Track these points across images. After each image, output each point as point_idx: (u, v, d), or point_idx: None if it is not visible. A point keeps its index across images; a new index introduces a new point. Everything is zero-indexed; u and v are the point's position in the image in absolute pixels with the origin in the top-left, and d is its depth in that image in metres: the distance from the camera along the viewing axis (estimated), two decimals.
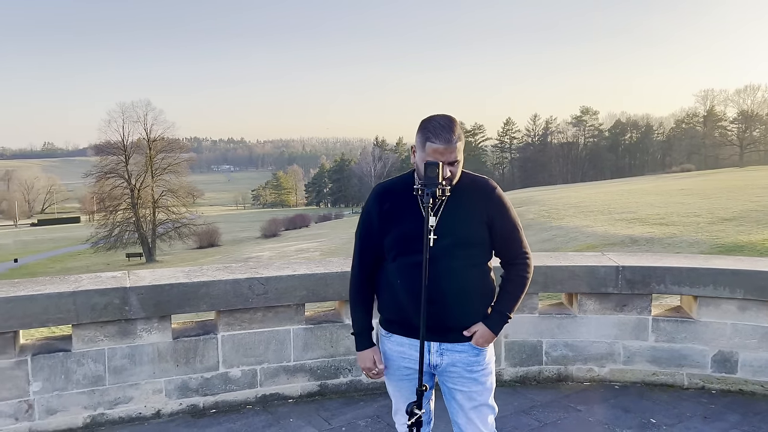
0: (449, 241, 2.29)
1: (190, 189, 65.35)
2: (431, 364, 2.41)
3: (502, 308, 2.41)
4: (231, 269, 4.18)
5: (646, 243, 17.69)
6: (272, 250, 43.68)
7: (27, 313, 3.51)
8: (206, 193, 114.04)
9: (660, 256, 4.63)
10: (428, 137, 2.23)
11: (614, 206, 28.31)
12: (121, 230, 56.66)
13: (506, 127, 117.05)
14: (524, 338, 4.44)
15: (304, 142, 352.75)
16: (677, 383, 4.35)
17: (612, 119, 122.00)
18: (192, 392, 3.97)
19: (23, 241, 75.68)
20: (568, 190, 52.59)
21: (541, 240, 23.58)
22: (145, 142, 60.84)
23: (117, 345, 3.78)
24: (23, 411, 3.60)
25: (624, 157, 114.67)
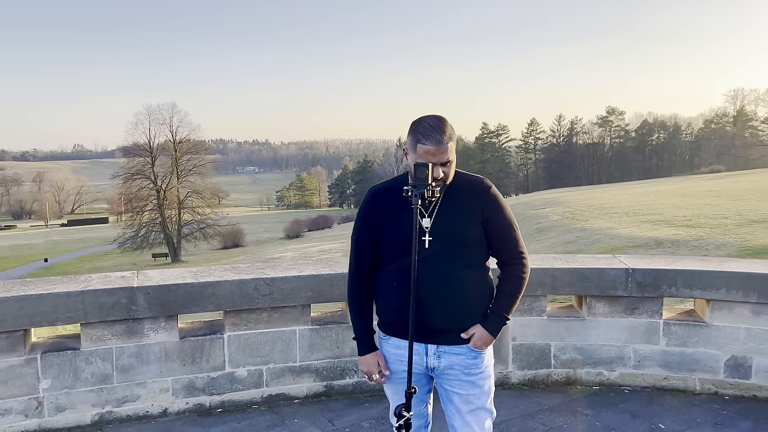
0: (444, 242, 2.28)
1: (215, 190, 66.07)
2: (428, 366, 2.39)
3: (500, 310, 2.38)
4: (238, 270, 4.21)
5: (672, 245, 17.39)
6: (295, 250, 43.98)
7: (36, 312, 3.58)
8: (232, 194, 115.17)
9: (672, 259, 4.54)
10: (419, 139, 2.22)
11: (640, 208, 27.90)
12: (147, 231, 57.55)
13: (530, 128, 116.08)
14: (532, 341, 4.39)
15: (327, 143, 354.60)
16: (689, 388, 4.26)
17: (638, 119, 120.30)
18: (198, 391, 4.01)
19: (53, 241, 77.33)
20: (593, 192, 51.95)
21: (564, 242, 23.34)
22: (170, 143, 61.69)
23: (125, 344, 3.83)
24: (33, 408, 3.67)
25: (651, 158, 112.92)
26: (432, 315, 2.30)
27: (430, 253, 2.27)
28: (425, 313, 2.29)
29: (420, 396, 2.47)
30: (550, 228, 28.09)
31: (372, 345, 2.47)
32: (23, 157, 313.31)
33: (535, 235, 27.93)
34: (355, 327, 2.49)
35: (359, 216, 2.46)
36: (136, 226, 57.32)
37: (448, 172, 2.28)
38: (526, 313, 4.35)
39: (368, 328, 2.48)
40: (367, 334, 2.47)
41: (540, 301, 4.35)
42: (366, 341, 2.46)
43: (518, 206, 42.67)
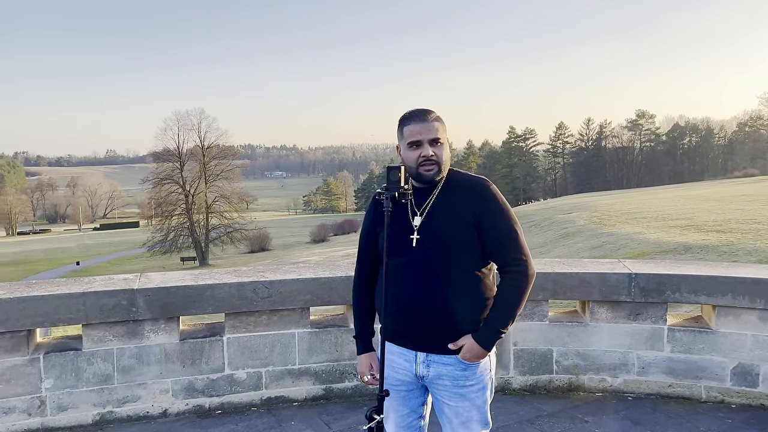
0: (431, 242, 2.20)
1: (242, 195, 66.82)
2: (417, 374, 2.31)
3: (493, 322, 2.22)
4: (238, 273, 4.26)
5: (701, 251, 16.99)
6: (320, 254, 44.18)
7: (39, 313, 3.67)
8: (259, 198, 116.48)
9: (677, 264, 4.44)
10: (403, 123, 2.24)
11: (669, 212, 27.37)
12: (175, 235, 58.45)
13: (559, 132, 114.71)
14: (534, 346, 4.34)
15: (354, 148, 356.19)
16: (694, 396, 4.16)
17: (669, 123, 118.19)
18: (198, 393, 4.05)
19: (86, 244, 79.02)
20: (621, 196, 51.15)
21: (591, 247, 23.01)
22: (199, 149, 62.62)
23: (125, 345, 3.90)
24: (36, 407, 3.76)
25: (683, 162, 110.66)
26: (416, 319, 2.23)
27: (416, 253, 2.21)
28: (410, 316, 2.23)
29: (412, 407, 2.41)
30: (577, 233, 27.74)
31: (367, 346, 2.45)
32: (58, 162, 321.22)
33: (561, 240, 27.61)
34: (355, 327, 2.49)
35: (364, 218, 2.47)
36: (165, 230, 58.25)
37: (440, 152, 2.22)
38: (528, 318, 4.31)
39: (365, 329, 2.45)
40: (363, 333, 2.45)
41: (542, 306, 4.30)
42: (361, 341, 2.45)
43: (545, 210, 42.20)
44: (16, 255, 67.43)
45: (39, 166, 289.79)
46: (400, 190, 2.12)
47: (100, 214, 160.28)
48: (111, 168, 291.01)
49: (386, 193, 2.12)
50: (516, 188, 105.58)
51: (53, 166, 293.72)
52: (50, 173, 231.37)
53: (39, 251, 71.01)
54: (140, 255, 60.78)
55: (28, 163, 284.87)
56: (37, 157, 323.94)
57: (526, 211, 46.95)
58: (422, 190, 2.30)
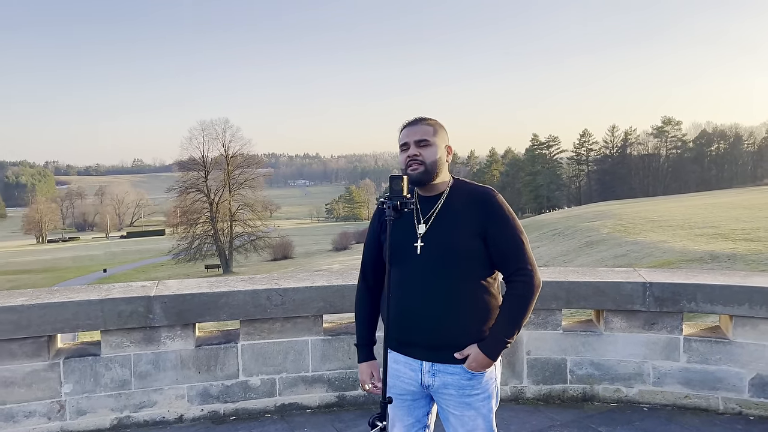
0: (436, 251, 2.22)
1: (266, 203, 67.51)
2: (423, 384, 2.32)
3: (498, 332, 2.23)
4: (252, 280, 4.32)
5: (728, 259, 16.69)
6: (342, 262, 44.37)
7: (59, 319, 3.77)
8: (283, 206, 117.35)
9: (694, 273, 4.39)
10: (401, 130, 2.35)
11: (695, 221, 26.95)
12: (200, 243, 59.18)
13: (583, 139, 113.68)
14: (548, 355, 4.32)
15: (376, 156, 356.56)
16: (711, 407, 4.10)
17: (696, 129, 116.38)
18: (213, 399, 4.11)
19: (113, 252, 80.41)
20: (647, 204, 50.46)
21: (615, 255, 22.74)
22: (223, 158, 63.39)
23: (142, 351, 3.98)
24: (55, 411, 3.85)
25: (710, 169, 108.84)
26: (421, 329, 2.25)
27: (420, 261, 2.23)
28: (414, 325, 2.25)
29: (417, 417, 2.41)
30: (601, 241, 27.44)
31: (368, 354, 2.46)
32: (87, 171, 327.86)
33: (585, 249, 27.32)
34: (356, 334, 2.50)
35: (369, 224, 2.50)
36: (189, 238, 59.02)
37: (426, 153, 2.26)
38: (541, 327, 4.29)
39: (366, 337, 2.47)
40: (364, 342, 2.46)
41: (555, 315, 4.28)
42: (362, 349, 2.46)
43: (568, 219, 41.86)
44: (45, 262, 68.91)
45: (68, 175, 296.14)
46: (402, 199, 2.15)
47: (127, 222, 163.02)
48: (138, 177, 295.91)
49: (388, 202, 2.14)
50: (539, 196, 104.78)
51: (82, 175, 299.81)
52: (79, 182, 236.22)
53: (67, 259, 72.46)
54: (165, 263, 61.61)
55: (58, 173, 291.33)
56: (66, 167, 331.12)
57: (550, 219, 46.62)
58: (428, 199, 2.33)
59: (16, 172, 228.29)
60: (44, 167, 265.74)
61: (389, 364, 2.37)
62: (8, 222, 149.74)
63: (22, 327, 3.71)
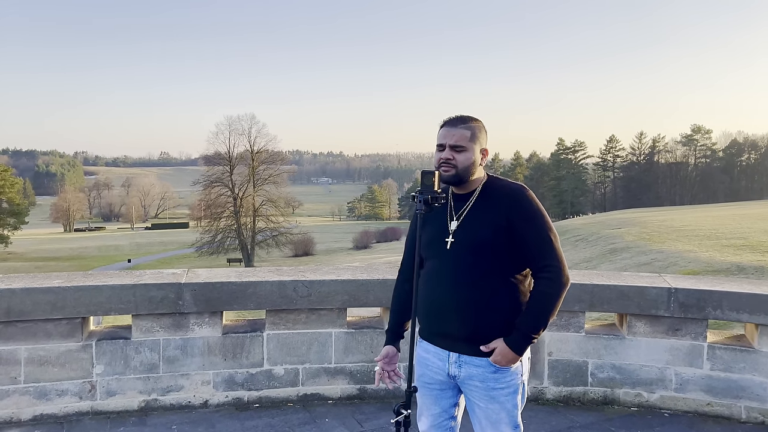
0: (465, 245, 2.28)
1: (289, 199, 67.90)
2: (450, 374, 2.37)
3: (525, 327, 2.25)
4: (280, 271, 4.41)
5: (755, 272, 16.40)
6: (362, 261, 44.49)
7: (93, 302, 3.89)
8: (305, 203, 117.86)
9: (720, 280, 4.37)
10: (440, 127, 2.38)
11: (723, 231, 26.47)
12: (223, 236, 59.78)
13: (609, 145, 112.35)
14: (569, 357, 4.33)
15: (399, 156, 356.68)
16: (734, 416, 4.08)
17: (727, 139, 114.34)
18: (237, 386, 4.21)
19: (137, 243, 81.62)
20: (673, 213, 49.70)
21: (638, 264, 22.48)
22: (248, 153, 63.98)
23: (171, 336, 4.08)
24: (86, 391, 3.97)
25: (740, 179, 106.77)
26: (448, 321, 2.31)
27: (450, 256, 2.29)
28: (442, 317, 2.32)
29: (444, 407, 2.46)
30: (624, 249, 27.12)
31: (390, 339, 2.54)
32: (114, 163, 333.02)
33: (608, 256, 27.04)
34: (388, 320, 2.59)
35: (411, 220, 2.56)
36: (213, 232, 59.64)
37: (459, 158, 2.30)
38: (564, 329, 4.31)
39: (395, 325, 2.55)
40: (392, 329, 2.55)
41: (578, 317, 4.30)
42: (389, 335, 2.56)
43: (593, 225, 41.40)
44: (72, 251, 70.26)
45: (97, 165, 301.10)
46: (433, 194, 2.21)
47: (152, 214, 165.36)
48: (164, 170, 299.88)
49: (419, 196, 2.20)
50: (564, 201, 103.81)
51: (110, 167, 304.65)
52: (107, 173, 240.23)
53: (93, 248, 73.76)
54: (188, 255, 62.40)
55: (87, 163, 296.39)
56: (95, 158, 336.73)
57: (574, 225, 46.16)
58: (462, 196, 2.39)
59: (47, 161, 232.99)
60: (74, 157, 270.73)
61: (419, 353, 2.47)
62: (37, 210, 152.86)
63: (58, 308, 3.84)
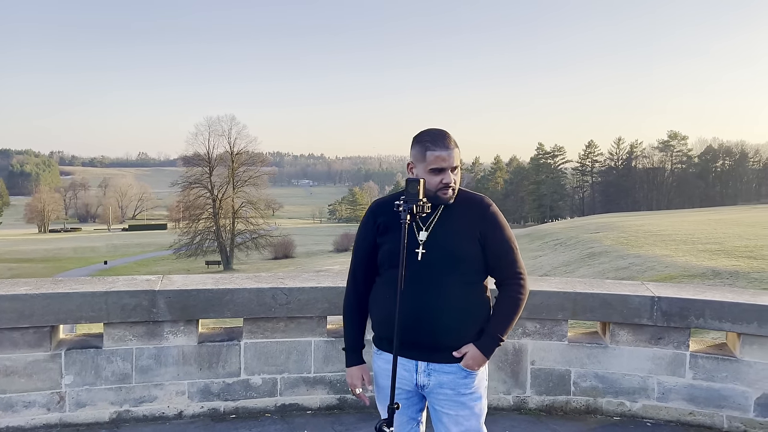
0: (437, 256, 2.29)
1: (269, 201, 67.48)
2: (418, 384, 2.38)
3: (495, 330, 2.34)
4: (258, 278, 4.29)
5: (730, 276, 16.64)
6: (342, 264, 44.29)
7: (62, 310, 3.75)
8: (285, 206, 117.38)
9: (702, 289, 4.36)
10: (427, 147, 2.30)
11: (699, 236, 26.85)
12: (202, 238, 59.13)
13: (588, 150, 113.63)
14: (552, 366, 4.29)
15: (380, 159, 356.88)
16: (716, 425, 4.06)
17: (702, 145, 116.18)
18: (213, 396, 4.08)
19: (114, 244, 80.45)
20: (650, 217, 50.36)
21: (616, 268, 22.69)
22: (228, 155, 63.44)
23: (144, 345, 3.95)
24: (55, 402, 3.82)
25: (715, 185, 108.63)
26: (421, 330, 2.29)
27: (421, 266, 2.29)
28: (414, 327, 2.29)
29: (411, 415, 2.47)
30: (603, 253, 27.38)
31: (359, 358, 2.49)
32: (91, 163, 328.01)
33: (587, 260, 27.26)
34: (345, 337, 2.50)
35: (360, 228, 2.50)
36: (191, 234, 58.97)
37: (457, 179, 2.35)
38: (546, 337, 4.26)
39: (358, 340, 2.49)
40: (355, 345, 2.49)
41: (561, 326, 4.25)
42: (353, 353, 2.48)
43: (571, 229, 41.76)
44: (47, 252, 69.04)
45: (73, 165, 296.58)
46: (418, 203, 2.14)
47: (129, 215, 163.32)
48: (142, 170, 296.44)
49: (405, 205, 2.14)
50: (543, 205, 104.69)
51: (87, 167, 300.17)
52: (83, 173, 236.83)
53: (69, 249, 72.54)
54: (166, 257, 61.64)
55: (63, 163, 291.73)
56: (71, 157, 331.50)
57: (553, 229, 46.54)
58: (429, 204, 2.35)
59: (21, 161, 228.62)
60: (49, 157, 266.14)
61: (380, 365, 2.45)
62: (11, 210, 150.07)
63: (25, 316, 3.69)
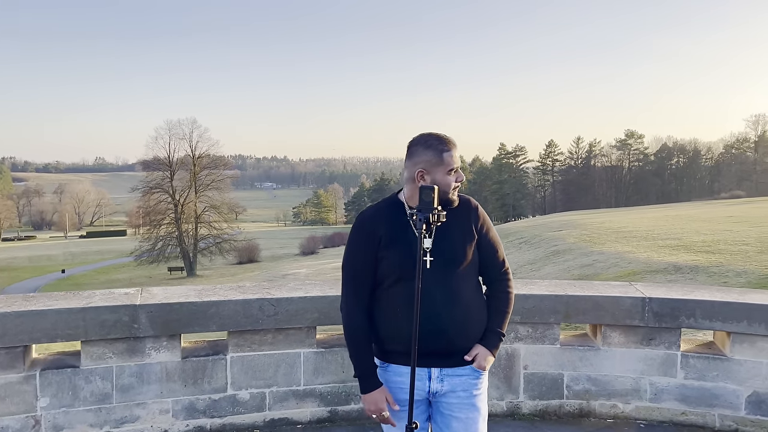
0: (445, 262, 2.25)
1: (232, 205, 66.47)
2: (430, 391, 2.32)
3: (498, 327, 2.37)
4: (243, 289, 4.14)
5: (691, 271, 17.03)
6: (309, 267, 43.92)
7: (36, 328, 3.53)
8: (249, 209, 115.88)
9: (691, 288, 4.38)
10: (442, 149, 2.25)
11: (658, 232, 27.44)
12: (163, 244, 57.90)
13: (549, 150, 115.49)
14: (545, 370, 4.25)
15: (345, 161, 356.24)
16: (708, 424, 4.08)
17: (658, 143, 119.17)
18: (199, 413, 3.91)
19: (71, 252, 78.13)
20: (610, 214, 51.36)
21: (581, 265, 23.02)
22: (189, 158, 62.29)
23: (125, 363, 3.75)
24: (30, 427, 3.60)
25: (670, 182, 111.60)
26: (439, 337, 2.24)
27: (432, 274, 2.22)
28: (432, 335, 2.22)
29: (421, 425, 2.37)
30: (567, 251, 27.75)
31: (379, 380, 2.32)
32: (46, 168, 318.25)
33: (552, 258, 27.60)
34: (359, 361, 2.31)
35: (354, 240, 2.35)
36: (153, 240, 57.70)
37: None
38: (539, 341, 4.22)
39: (372, 362, 2.34)
40: (374, 368, 2.33)
41: (553, 329, 4.21)
42: (373, 376, 2.31)
43: (535, 227, 42.25)
44: (0, 261, 66.52)
45: (26, 171, 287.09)
46: (433, 211, 2.05)
47: (87, 221, 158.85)
48: (99, 175, 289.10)
49: (420, 215, 2.04)
50: (506, 204, 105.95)
51: (41, 173, 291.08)
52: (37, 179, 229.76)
53: (23, 258, 70.09)
54: (127, 264, 60.13)
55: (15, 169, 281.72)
56: (24, 163, 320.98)
57: (516, 228, 47.01)
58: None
59: None
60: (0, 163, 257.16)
61: (388, 377, 2.35)
62: None
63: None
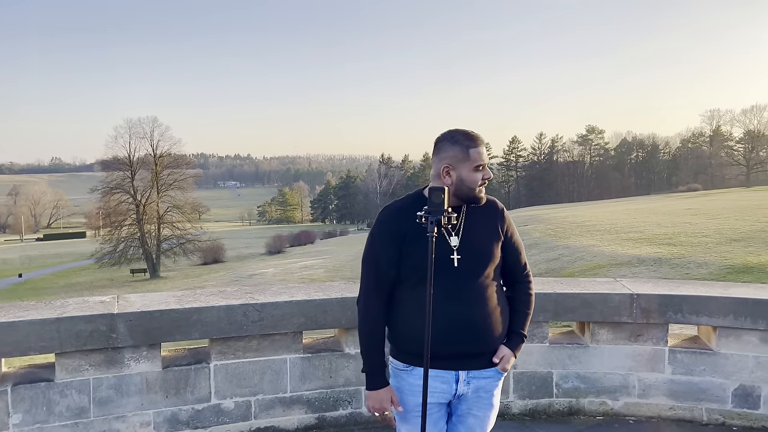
0: (474, 261, 2.22)
1: (195, 205, 65.30)
2: (457, 394, 2.29)
3: (520, 328, 2.38)
4: (225, 294, 3.99)
5: (654, 263, 17.42)
6: (276, 266, 43.46)
7: (7, 341, 3.32)
8: (212, 209, 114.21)
9: (677, 284, 4.41)
10: (468, 145, 2.22)
11: (621, 226, 28.01)
12: (125, 246, 56.57)
13: (512, 146, 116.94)
14: (534, 369, 4.22)
15: (310, 158, 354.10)
16: (696, 418, 4.11)
17: (618, 138, 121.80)
18: (182, 425, 3.75)
19: (28, 256, 75.72)
20: (573, 209, 52.29)
21: (548, 259, 23.32)
22: (151, 157, 61.00)
23: (103, 375, 3.57)
24: None
25: (630, 176, 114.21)
26: (465, 340, 2.21)
27: (458, 272, 2.19)
28: (459, 338, 2.20)
29: (440, 427, 2.36)
30: (533, 245, 28.09)
31: (386, 379, 2.32)
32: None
33: None
34: (369, 358, 2.28)
35: (377, 236, 2.27)
36: (114, 241, 56.30)
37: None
38: (528, 340, 4.15)
39: (384, 359, 2.32)
40: (383, 366, 2.31)
41: (542, 328, 4.19)
42: (382, 374, 2.30)
43: None
44: None
45: None
46: (444, 214, 1.97)
47: (44, 223, 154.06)
48: (56, 176, 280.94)
49: (431, 217, 1.96)
50: None
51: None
52: None
53: None
54: (87, 267, 58.56)
55: None
56: None
57: None
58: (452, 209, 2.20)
59: None
60: None
61: (411, 381, 2.29)
62: None
63: None
